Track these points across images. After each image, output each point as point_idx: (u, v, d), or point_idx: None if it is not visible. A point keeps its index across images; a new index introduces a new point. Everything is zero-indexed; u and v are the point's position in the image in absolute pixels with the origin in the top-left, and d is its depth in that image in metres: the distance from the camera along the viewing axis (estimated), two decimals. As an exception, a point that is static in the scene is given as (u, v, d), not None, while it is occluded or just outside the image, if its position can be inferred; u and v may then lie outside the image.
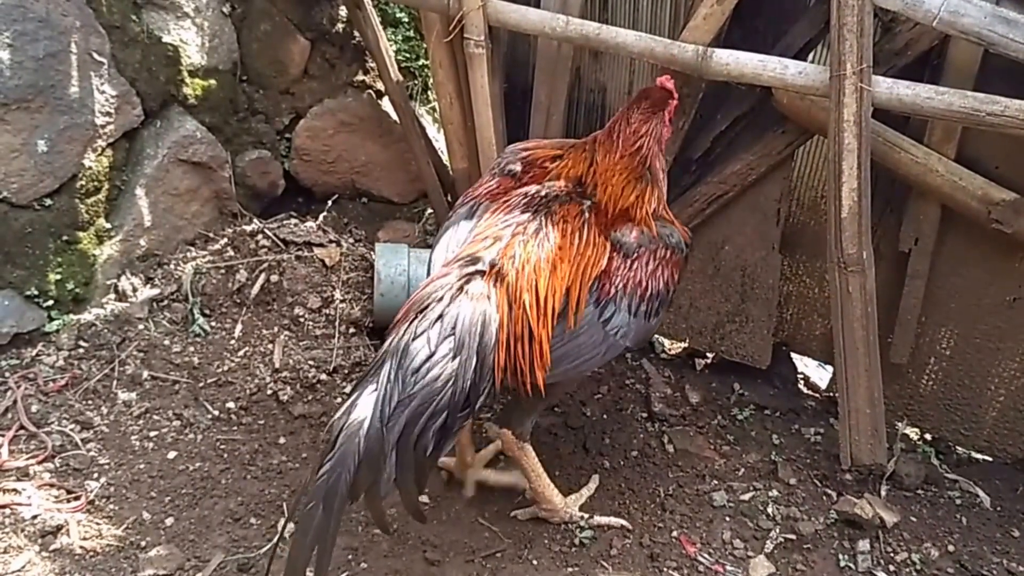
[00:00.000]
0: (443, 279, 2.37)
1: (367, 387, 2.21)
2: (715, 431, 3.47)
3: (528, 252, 2.47)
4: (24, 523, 2.66)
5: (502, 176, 2.77)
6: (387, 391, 2.18)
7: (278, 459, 3.08)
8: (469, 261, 2.42)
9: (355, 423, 2.14)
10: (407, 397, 2.19)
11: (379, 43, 4.00)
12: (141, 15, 3.63)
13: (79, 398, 3.20)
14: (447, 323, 2.28)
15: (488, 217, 2.62)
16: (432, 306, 2.30)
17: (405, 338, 2.26)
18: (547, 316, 2.44)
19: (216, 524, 2.78)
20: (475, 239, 2.53)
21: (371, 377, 2.22)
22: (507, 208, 2.61)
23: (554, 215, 2.58)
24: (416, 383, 2.20)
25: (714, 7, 3.02)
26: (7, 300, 3.31)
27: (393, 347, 2.26)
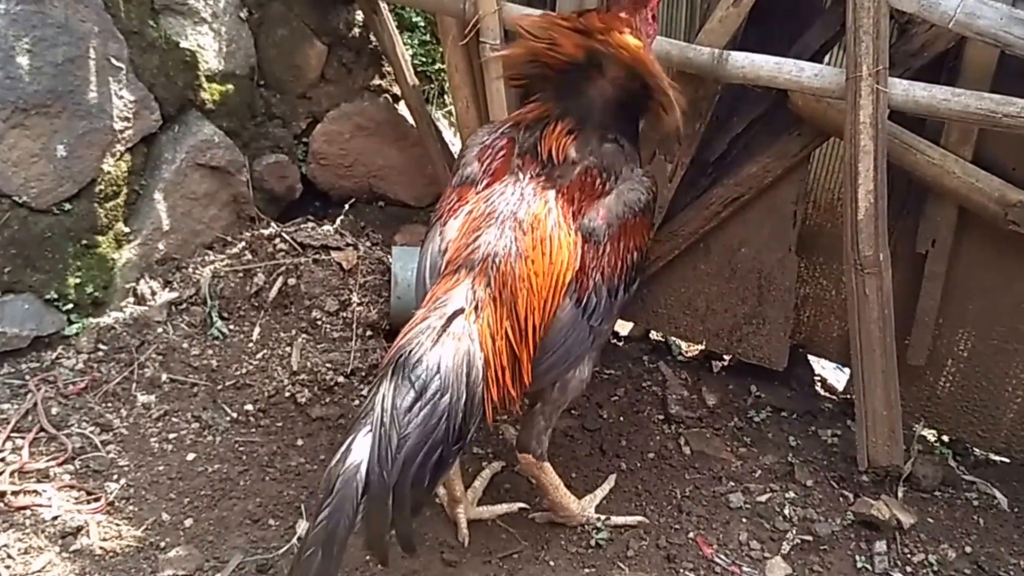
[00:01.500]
0: (423, 323, 2.31)
1: (360, 431, 2.16)
2: (732, 433, 3.47)
3: (502, 275, 2.40)
4: (44, 524, 2.68)
5: (462, 185, 2.65)
6: (382, 433, 2.14)
7: (296, 461, 3.09)
8: (444, 302, 2.36)
9: (352, 467, 2.10)
10: (403, 437, 2.15)
11: (395, 47, 4.02)
12: (159, 20, 3.65)
13: (99, 400, 3.22)
14: (431, 365, 2.23)
15: (456, 239, 2.51)
16: (414, 351, 2.25)
17: (393, 381, 2.22)
18: (529, 337, 2.42)
19: (235, 525, 2.80)
20: (446, 272, 2.45)
21: (362, 421, 2.18)
22: (473, 227, 2.50)
23: (522, 223, 2.47)
24: (410, 422, 2.17)
25: (730, 10, 3.02)
26: (27, 304, 3.34)
27: (382, 391, 2.21)
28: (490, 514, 2.96)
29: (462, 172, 2.66)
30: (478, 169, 2.65)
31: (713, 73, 3.03)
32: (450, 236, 2.53)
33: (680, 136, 2.96)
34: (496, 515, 2.96)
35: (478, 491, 3.04)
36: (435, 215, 2.67)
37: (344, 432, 2.18)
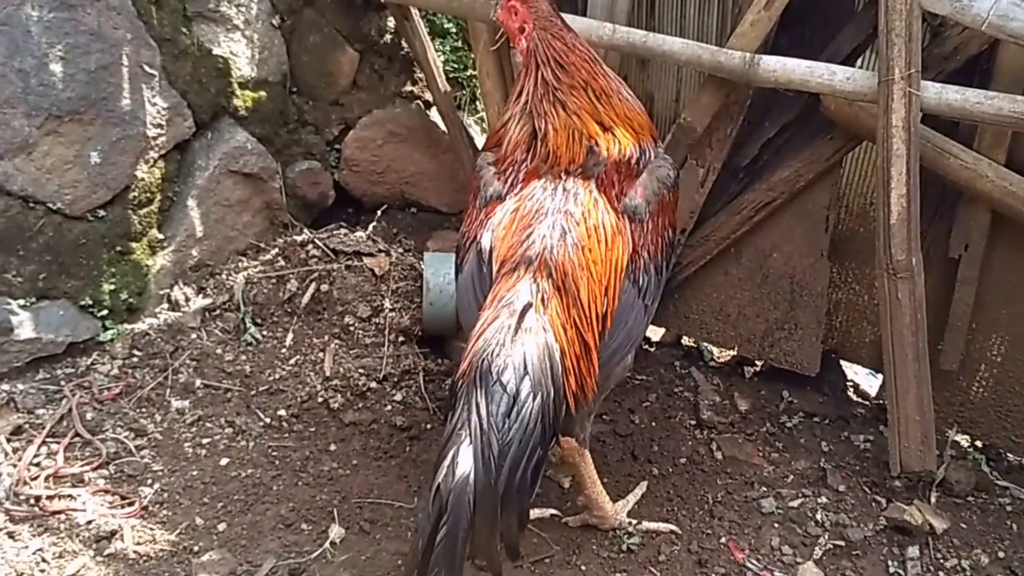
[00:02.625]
0: (495, 323, 2.31)
1: (460, 443, 2.14)
2: (764, 438, 3.45)
3: (563, 266, 2.40)
4: (79, 528, 2.71)
5: (488, 204, 2.61)
6: (484, 442, 2.13)
7: (329, 466, 3.11)
8: (511, 299, 2.35)
9: (461, 481, 2.09)
10: (506, 444, 2.15)
11: (427, 54, 4.04)
12: (191, 28, 3.69)
13: (133, 406, 3.25)
14: (518, 366, 2.23)
15: (505, 239, 2.51)
16: (497, 353, 2.25)
17: (483, 388, 2.21)
18: (595, 324, 2.42)
19: (268, 530, 2.82)
20: (504, 272, 2.44)
21: (459, 433, 2.16)
22: (523, 224, 2.50)
23: (573, 214, 2.49)
24: (511, 428, 2.17)
25: (761, 14, 3.01)
26: (62, 310, 3.38)
27: (474, 400, 2.20)
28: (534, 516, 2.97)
29: (484, 193, 2.64)
30: (501, 186, 2.64)
31: (744, 77, 3.02)
32: (497, 238, 2.52)
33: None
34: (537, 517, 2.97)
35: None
36: (465, 237, 2.65)
37: (441, 446, 2.16)
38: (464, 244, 2.64)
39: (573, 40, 2.67)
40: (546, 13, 2.68)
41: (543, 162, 2.60)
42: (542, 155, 2.60)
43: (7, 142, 3.13)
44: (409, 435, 3.30)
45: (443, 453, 2.16)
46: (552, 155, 2.59)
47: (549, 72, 2.62)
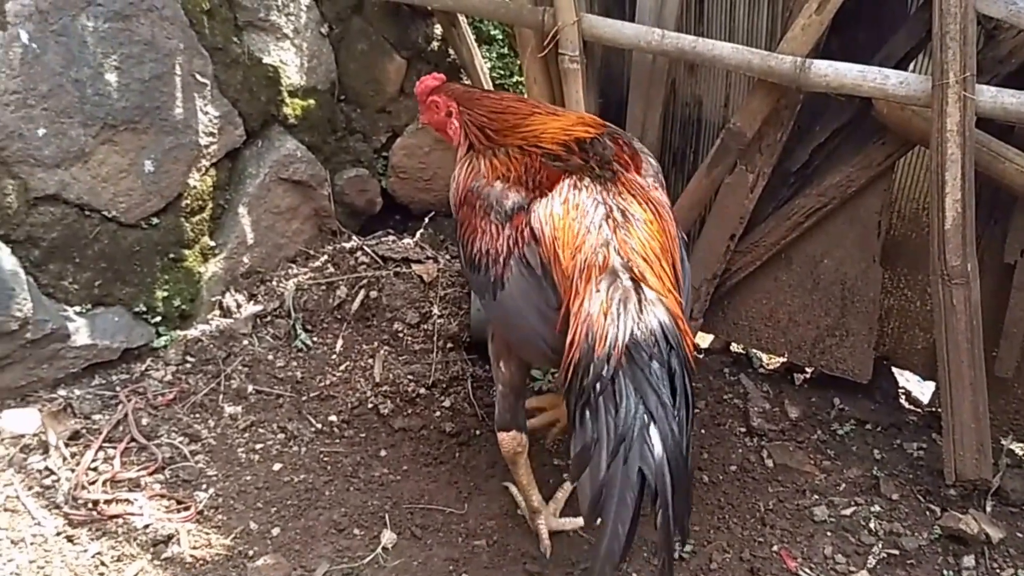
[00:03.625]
0: (615, 307, 2.32)
1: (641, 423, 2.18)
2: (815, 446, 3.42)
3: (641, 244, 2.45)
4: (136, 532, 2.75)
5: (515, 215, 2.58)
6: (669, 420, 2.19)
7: (379, 471, 3.13)
8: (612, 281, 2.37)
9: (659, 462, 2.13)
10: (680, 421, 2.21)
11: (474, 60, 4.05)
12: (242, 37, 3.73)
13: (187, 411, 3.29)
14: (658, 333, 2.29)
15: (567, 231, 2.48)
16: (639, 331, 2.29)
17: (641, 368, 2.24)
18: (677, 288, 2.48)
19: (321, 534, 2.84)
20: (587, 264, 2.42)
21: (633, 417, 2.19)
22: (582, 213, 2.50)
23: (624, 195, 2.56)
24: (678, 403, 2.23)
25: (812, 18, 2.99)
26: (117, 316, 3.43)
27: (638, 381, 2.23)
28: (572, 525, 2.95)
29: (499, 209, 2.61)
30: (519, 196, 2.61)
31: (795, 82, 3.01)
32: (554, 237, 2.49)
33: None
34: (577, 526, 2.95)
35: (559, 502, 3.03)
36: (492, 253, 2.60)
37: (618, 434, 2.18)
38: (492, 259, 2.59)
39: (489, 98, 2.87)
40: (460, 90, 2.90)
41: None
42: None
43: (64, 151, 3.18)
44: (458, 441, 3.31)
45: (630, 439, 2.18)
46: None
47: (486, 132, 2.78)
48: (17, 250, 3.13)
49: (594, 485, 2.19)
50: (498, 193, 2.63)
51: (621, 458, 2.17)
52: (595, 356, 2.29)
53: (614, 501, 2.14)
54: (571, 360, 2.34)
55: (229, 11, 3.67)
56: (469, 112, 2.82)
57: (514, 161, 2.67)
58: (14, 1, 3.01)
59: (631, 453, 2.17)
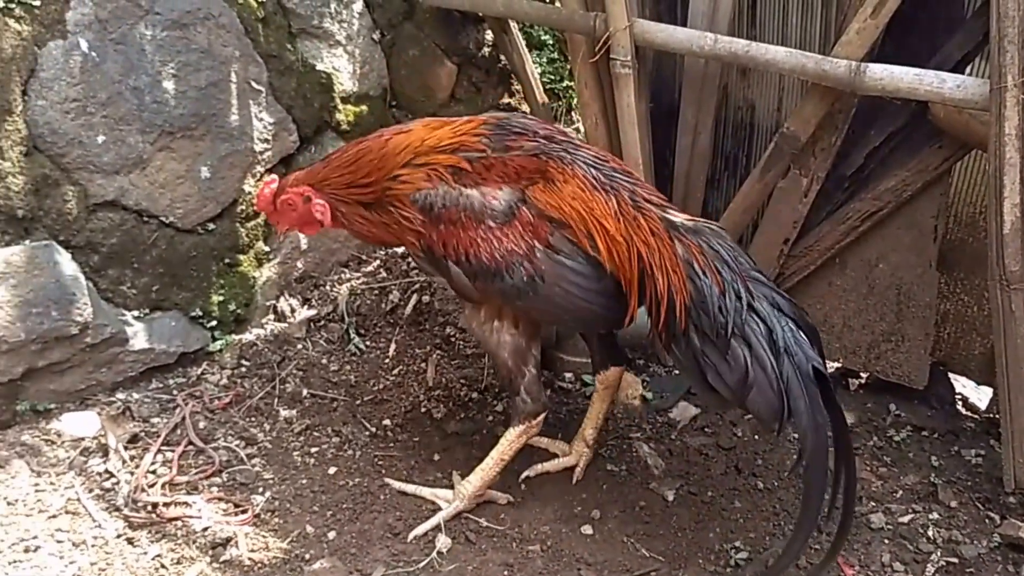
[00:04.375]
0: (687, 237, 2.64)
1: (791, 333, 2.52)
2: (871, 452, 3.38)
3: (644, 192, 2.75)
4: (195, 535, 2.77)
5: (513, 219, 2.65)
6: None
7: (433, 475, 3.13)
8: (663, 219, 2.67)
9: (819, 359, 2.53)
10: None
11: (525, 66, 4.06)
12: (296, 44, 3.76)
13: (243, 415, 3.32)
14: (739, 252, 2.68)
15: (614, 221, 2.64)
16: (719, 253, 2.61)
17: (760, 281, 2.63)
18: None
19: (376, 538, 2.84)
20: (632, 220, 2.64)
21: (784, 327, 2.52)
22: (617, 201, 2.67)
23: (626, 178, 2.75)
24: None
25: (867, 22, 2.96)
26: (174, 321, 3.47)
27: (760, 296, 2.56)
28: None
29: (493, 212, 2.65)
30: (509, 193, 2.67)
31: (850, 86, 2.97)
32: (584, 206, 2.64)
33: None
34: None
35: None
36: (510, 254, 2.65)
37: (777, 348, 2.49)
38: (516, 261, 2.64)
39: (348, 166, 2.81)
40: (305, 175, 2.86)
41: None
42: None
43: (123, 158, 3.23)
44: (510, 445, 3.31)
45: (788, 347, 2.49)
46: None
47: (354, 197, 2.80)
48: (77, 255, 3.18)
49: (772, 398, 2.46)
50: (483, 199, 2.66)
51: (792, 366, 2.46)
52: (720, 292, 2.53)
53: (801, 399, 2.44)
54: (679, 306, 2.56)
55: (283, 19, 3.71)
56: (326, 183, 2.81)
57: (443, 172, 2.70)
58: (74, 10, 3.07)
59: (798, 359, 2.48)
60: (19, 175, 2.99)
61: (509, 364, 2.85)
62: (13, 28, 2.93)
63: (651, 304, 2.63)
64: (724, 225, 3.49)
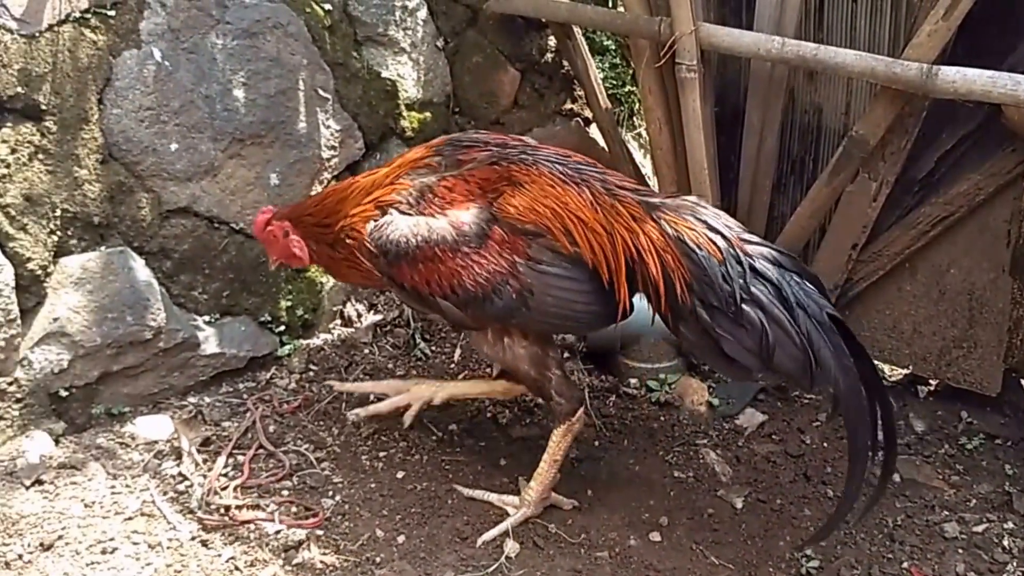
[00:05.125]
0: (675, 212, 2.67)
1: (798, 287, 2.56)
2: (943, 460, 3.33)
3: (613, 178, 2.81)
4: (268, 538, 2.80)
5: (487, 239, 2.65)
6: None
7: (500, 480, 3.14)
8: (641, 202, 2.70)
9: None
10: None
11: (588, 71, 4.06)
12: (362, 52, 3.80)
13: (311, 419, 3.35)
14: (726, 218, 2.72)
15: (572, 202, 2.67)
16: (707, 223, 2.65)
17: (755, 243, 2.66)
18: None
19: (445, 543, 2.85)
20: (609, 206, 2.68)
21: (790, 283, 2.55)
22: (556, 179, 2.70)
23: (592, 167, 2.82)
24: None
25: (939, 24, 2.92)
26: (243, 326, 3.52)
27: (758, 257, 2.59)
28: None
29: (466, 238, 2.65)
30: (475, 212, 2.68)
31: (922, 88, 2.94)
32: (556, 204, 2.67)
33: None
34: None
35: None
36: (495, 276, 2.65)
37: (789, 305, 2.53)
38: (501, 281, 2.64)
39: (316, 205, 2.92)
40: (289, 210, 2.96)
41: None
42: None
43: (195, 165, 3.28)
44: (576, 451, 3.29)
45: (800, 301, 2.53)
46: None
47: (321, 236, 2.87)
48: (151, 261, 3.24)
49: (796, 353, 2.49)
50: (449, 227, 2.65)
51: (807, 318, 2.50)
52: (719, 262, 2.55)
53: (825, 347, 2.49)
54: (679, 285, 2.57)
55: (349, 27, 3.75)
56: (301, 220, 2.89)
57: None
58: (148, 20, 3.14)
59: (811, 310, 2.52)
60: (95, 183, 3.06)
61: (532, 375, 2.86)
62: (89, 38, 2.99)
63: (647, 289, 2.65)
64: (791, 230, 3.51)
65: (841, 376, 2.49)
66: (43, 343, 2.98)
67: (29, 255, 2.90)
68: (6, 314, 2.84)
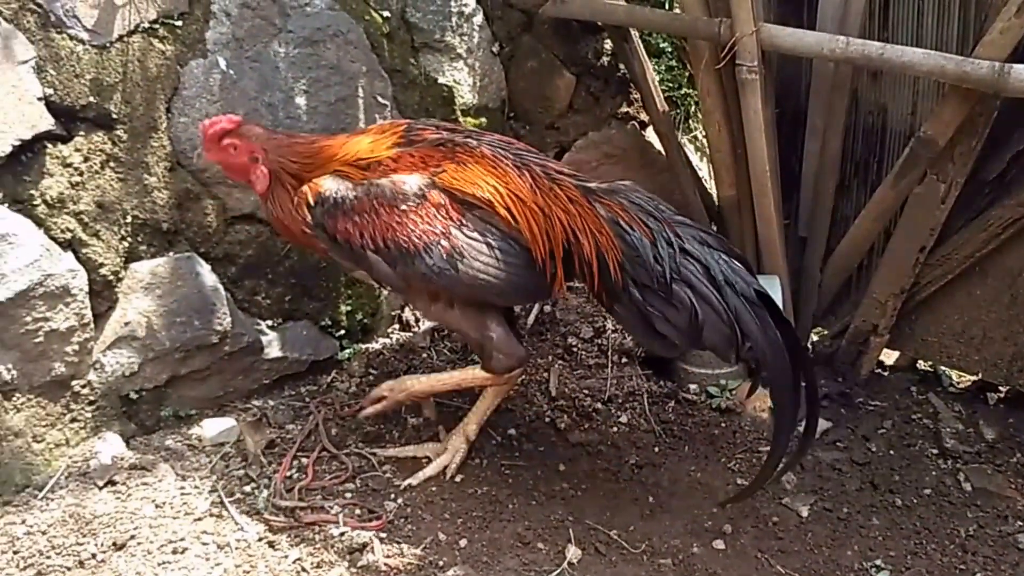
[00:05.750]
0: (609, 196, 2.82)
1: (726, 265, 2.69)
2: (1015, 469, 3.28)
3: (553, 164, 3.01)
4: (333, 540, 2.81)
5: (426, 196, 2.74)
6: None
7: (559, 485, 3.14)
8: (581, 187, 2.85)
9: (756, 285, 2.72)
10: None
11: (646, 74, 4.04)
12: (419, 58, 3.81)
13: (372, 422, 3.36)
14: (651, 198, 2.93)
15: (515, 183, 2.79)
16: (640, 206, 2.82)
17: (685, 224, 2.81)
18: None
19: (506, 547, 2.86)
20: (547, 189, 2.80)
21: (718, 262, 2.69)
22: (498, 161, 2.82)
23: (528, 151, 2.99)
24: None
25: (1011, 21, 2.88)
26: (305, 330, 3.55)
27: (688, 236, 2.74)
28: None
29: (405, 196, 2.74)
30: (418, 178, 2.76)
31: (993, 87, 2.91)
32: (498, 183, 2.77)
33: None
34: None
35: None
36: (426, 235, 2.73)
37: (718, 283, 2.66)
38: (432, 241, 2.72)
39: (295, 142, 2.91)
40: (267, 136, 2.87)
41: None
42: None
43: (259, 172, 3.31)
44: (636, 457, 3.30)
45: (728, 280, 2.66)
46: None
47: (300, 175, 2.85)
48: (216, 267, 3.28)
49: (724, 329, 2.64)
50: (392, 185, 2.74)
51: (735, 294, 2.64)
52: (651, 242, 2.69)
53: (752, 323, 2.62)
54: (612, 264, 2.70)
55: (407, 34, 3.77)
56: (279, 155, 2.85)
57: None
58: (213, 30, 3.17)
59: (739, 287, 2.65)
60: (164, 190, 3.10)
61: (472, 334, 2.93)
62: (157, 48, 3.04)
63: (581, 268, 2.76)
64: (856, 233, 3.47)
65: (768, 349, 2.64)
66: (115, 347, 3.04)
67: (102, 261, 2.96)
68: (80, 318, 2.90)
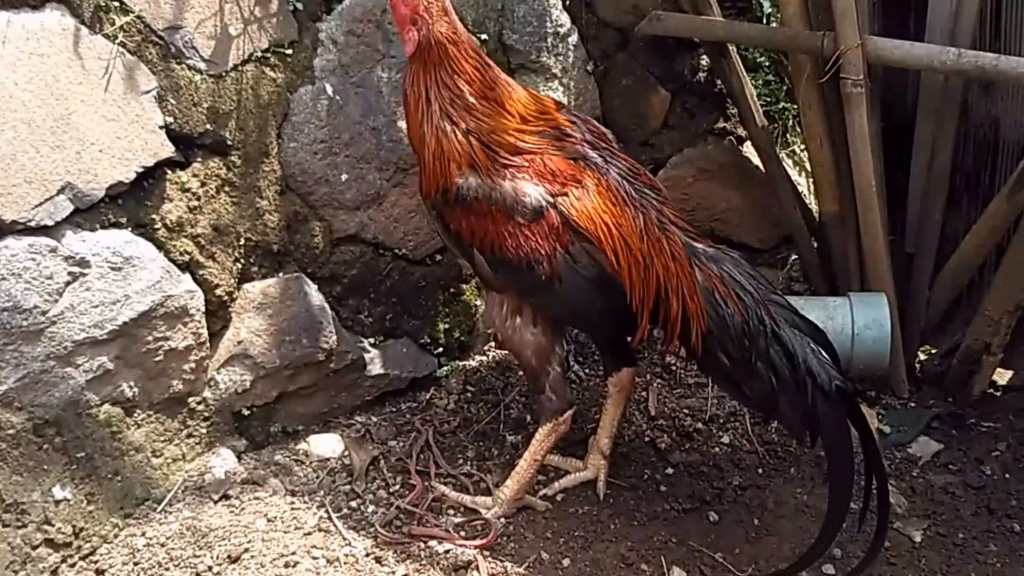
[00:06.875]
0: (708, 264, 2.80)
1: (813, 354, 2.69)
2: None
3: (670, 215, 2.91)
4: (438, 556, 2.86)
5: (545, 214, 2.72)
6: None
7: (661, 507, 3.14)
8: (687, 245, 2.83)
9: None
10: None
11: (744, 89, 4.01)
12: (515, 79, 3.82)
13: (471, 439, 3.41)
14: (755, 275, 2.87)
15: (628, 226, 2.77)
16: (738, 279, 2.78)
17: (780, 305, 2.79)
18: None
19: (609, 567, 2.87)
20: (656, 242, 2.79)
21: (806, 350, 2.68)
22: (621, 199, 2.79)
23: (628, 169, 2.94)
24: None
25: None
26: (404, 347, 3.61)
27: (781, 320, 2.71)
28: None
29: (523, 208, 2.72)
30: (540, 191, 2.73)
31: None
32: (612, 221, 2.75)
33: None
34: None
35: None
36: (535, 253, 2.73)
37: (799, 373, 2.67)
38: (535, 260, 2.72)
39: (469, 56, 2.83)
40: (443, 10, 2.78)
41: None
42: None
43: (363, 194, 3.39)
44: (740, 479, 3.27)
45: (812, 369, 2.66)
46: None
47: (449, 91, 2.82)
48: (322, 286, 3.36)
49: (797, 416, 2.69)
50: (514, 194, 2.72)
51: (816, 387, 2.62)
52: (741, 320, 2.69)
53: (825, 420, 2.63)
54: (695, 332, 2.73)
55: (503, 55, 3.81)
56: (443, 43, 2.77)
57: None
58: (321, 57, 3.24)
59: (821, 379, 2.63)
60: (274, 212, 3.19)
61: (533, 363, 2.94)
62: (269, 76, 3.12)
63: (664, 324, 2.81)
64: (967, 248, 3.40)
65: (832, 445, 2.69)
66: (228, 364, 3.14)
67: (217, 281, 3.05)
68: (197, 337, 2.99)
